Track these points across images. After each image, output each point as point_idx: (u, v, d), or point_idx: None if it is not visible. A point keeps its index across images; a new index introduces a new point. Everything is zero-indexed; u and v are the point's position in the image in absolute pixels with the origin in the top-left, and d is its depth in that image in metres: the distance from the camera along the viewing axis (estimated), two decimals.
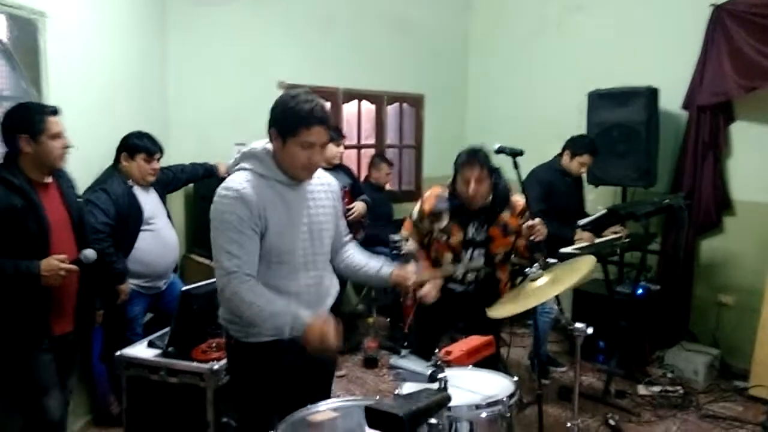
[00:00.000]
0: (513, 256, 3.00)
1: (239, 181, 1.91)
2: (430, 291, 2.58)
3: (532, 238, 2.60)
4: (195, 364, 2.62)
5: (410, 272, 2.20)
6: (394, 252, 2.81)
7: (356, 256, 2.27)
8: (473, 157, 2.69)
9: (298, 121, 1.87)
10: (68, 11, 3.02)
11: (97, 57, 3.32)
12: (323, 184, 2.13)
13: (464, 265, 2.80)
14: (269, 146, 1.99)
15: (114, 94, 3.48)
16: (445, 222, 2.81)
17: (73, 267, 2.27)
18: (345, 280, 3.75)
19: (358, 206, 4.23)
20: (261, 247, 1.92)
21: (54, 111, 2.35)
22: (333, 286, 2.20)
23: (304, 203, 2.02)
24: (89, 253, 2.36)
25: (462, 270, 2.79)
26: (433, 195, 2.89)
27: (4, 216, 2.18)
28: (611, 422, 3.41)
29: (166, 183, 3.55)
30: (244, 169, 1.97)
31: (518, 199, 2.82)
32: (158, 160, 3.30)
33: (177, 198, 4.11)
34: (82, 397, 3.24)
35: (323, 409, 1.84)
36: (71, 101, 2.85)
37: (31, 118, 2.28)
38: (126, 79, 3.64)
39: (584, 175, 4.20)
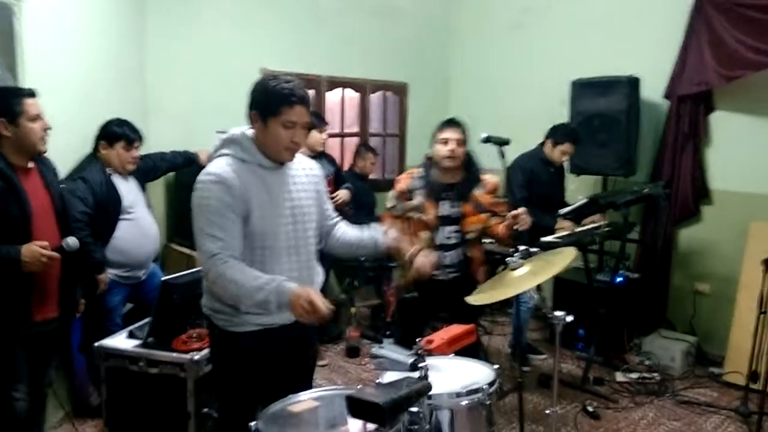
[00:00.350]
0: (495, 243, 3.03)
1: (220, 166, 1.92)
2: (425, 261, 2.62)
3: (516, 227, 2.63)
4: (175, 354, 2.60)
5: (403, 239, 2.26)
6: None
7: (349, 231, 2.28)
8: (453, 121, 2.86)
9: (280, 100, 1.89)
10: None
11: (75, 42, 3.26)
12: (304, 169, 2.14)
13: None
14: (249, 131, 2.00)
15: (92, 80, 3.42)
16: (418, 199, 2.88)
17: (55, 254, 2.23)
18: (329, 268, 3.76)
19: (342, 194, 4.22)
20: (244, 232, 1.92)
21: (31, 93, 2.31)
22: (318, 274, 2.20)
23: (286, 187, 2.02)
24: (72, 241, 2.32)
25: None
26: (407, 175, 2.99)
27: None
28: (590, 409, 3.47)
29: (145, 171, 3.50)
30: (225, 154, 1.97)
31: (489, 178, 2.92)
32: (138, 148, 3.26)
33: (157, 187, 4.06)
34: (61, 388, 3.19)
35: (305, 399, 1.85)
36: (48, 87, 2.77)
37: (7, 102, 2.24)
38: (104, 64, 3.58)
39: (566, 164, 4.23)
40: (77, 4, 3.28)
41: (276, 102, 1.89)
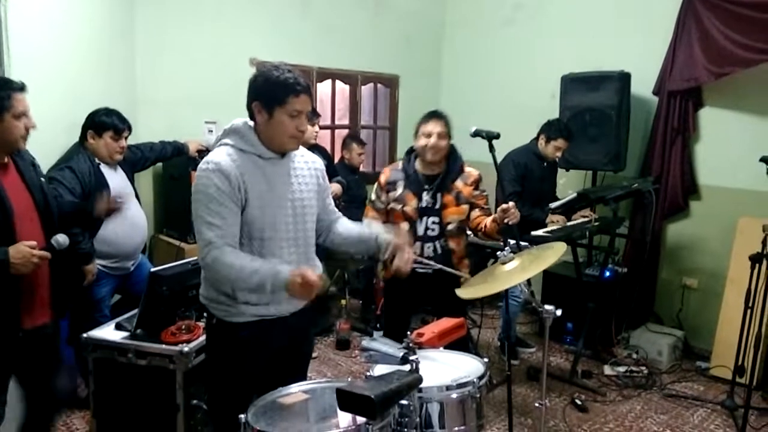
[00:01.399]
0: (474, 235, 3.03)
1: (219, 155, 1.92)
2: (406, 259, 2.61)
3: (506, 221, 2.63)
4: (164, 346, 2.57)
5: (408, 243, 2.23)
6: None
7: (352, 227, 2.29)
8: (436, 114, 2.88)
9: (287, 89, 1.89)
10: None
11: (63, 32, 3.21)
12: (307, 162, 2.14)
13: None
14: (251, 122, 1.98)
15: (79, 69, 3.38)
16: (400, 190, 2.88)
17: (45, 254, 2.08)
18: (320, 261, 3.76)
19: (334, 187, 4.20)
20: (242, 221, 1.92)
21: (21, 87, 2.16)
22: (317, 268, 2.19)
23: (287, 179, 2.02)
24: (62, 239, 2.18)
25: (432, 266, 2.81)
26: (389, 168, 3.01)
27: None
28: (578, 402, 3.49)
29: (134, 162, 3.47)
30: (226, 144, 1.97)
31: (471, 170, 2.92)
32: (126, 137, 3.23)
33: (145, 177, 4.03)
34: None
35: (295, 391, 1.84)
36: (34, 77, 2.73)
37: None
38: (93, 54, 3.53)
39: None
40: None
41: (282, 92, 1.89)
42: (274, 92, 1.89)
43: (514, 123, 4.11)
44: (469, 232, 3.02)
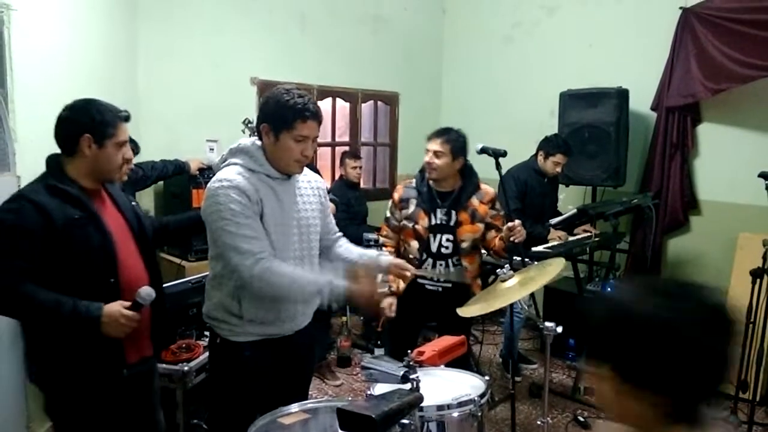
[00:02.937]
0: (487, 254, 3.02)
1: (231, 174, 1.92)
2: (390, 305, 2.65)
3: (512, 239, 2.62)
4: (164, 365, 2.57)
5: (407, 265, 2.28)
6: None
7: (351, 248, 2.30)
8: (438, 132, 2.82)
9: (295, 114, 1.90)
10: (34, 3, 2.93)
11: (64, 50, 3.24)
12: (309, 181, 2.15)
13: (440, 273, 2.84)
14: (258, 142, 1.99)
15: (81, 88, 3.37)
16: (411, 208, 2.86)
17: (136, 315, 1.88)
18: None
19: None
20: None
21: (127, 118, 2.07)
22: None
23: (294, 199, 2.04)
24: (146, 292, 1.89)
25: (437, 275, 2.82)
26: (402, 185, 2.98)
27: (64, 231, 1.85)
28: (581, 418, 3.47)
29: (135, 180, 3.47)
30: (234, 164, 1.97)
31: (487, 188, 2.88)
32: None
33: (147, 195, 4.05)
34: None
35: (295, 411, 1.84)
36: (36, 95, 2.78)
37: (102, 119, 1.97)
38: (94, 72, 3.56)
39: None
40: (67, 13, 3.26)
41: (290, 116, 1.90)
42: (282, 116, 1.90)
43: (513, 139, 4.11)
44: (483, 251, 3.01)
